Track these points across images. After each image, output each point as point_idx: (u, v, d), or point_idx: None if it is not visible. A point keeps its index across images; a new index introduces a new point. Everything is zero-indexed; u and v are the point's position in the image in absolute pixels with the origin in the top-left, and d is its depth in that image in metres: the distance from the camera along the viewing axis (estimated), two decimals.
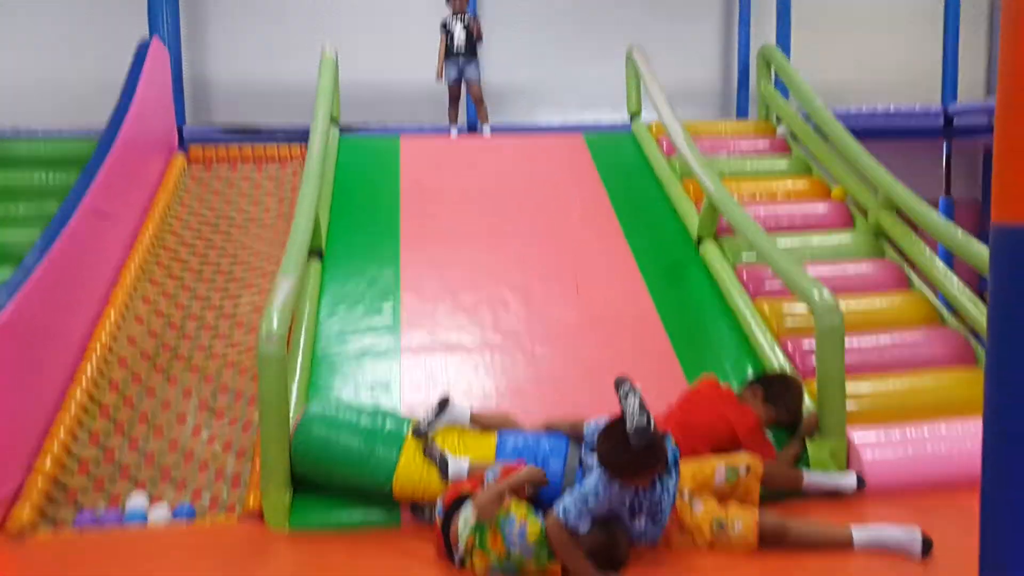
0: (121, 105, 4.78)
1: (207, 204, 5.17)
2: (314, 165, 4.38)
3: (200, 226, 4.94)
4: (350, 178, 5.14)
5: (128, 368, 3.81)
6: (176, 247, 4.71)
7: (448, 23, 6.29)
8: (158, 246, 4.65)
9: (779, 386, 3.35)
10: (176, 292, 4.37)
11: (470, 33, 6.24)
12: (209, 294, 4.39)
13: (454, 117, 6.40)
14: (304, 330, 3.82)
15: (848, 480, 3.13)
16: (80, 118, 6.73)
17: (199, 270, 4.58)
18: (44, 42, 7.30)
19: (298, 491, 3.07)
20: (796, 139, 5.67)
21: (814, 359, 3.43)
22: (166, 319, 4.17)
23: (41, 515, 3.01)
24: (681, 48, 7.82)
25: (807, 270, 3.65)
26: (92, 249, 4.02)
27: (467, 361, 3.81)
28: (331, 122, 5.32)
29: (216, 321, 4.19)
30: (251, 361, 3.78)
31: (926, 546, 2.63)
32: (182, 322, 4.17)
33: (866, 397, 3.54)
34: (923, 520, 2.75)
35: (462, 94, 6.39)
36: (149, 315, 4.15)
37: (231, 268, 4.61)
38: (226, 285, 4.47)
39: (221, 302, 4.33)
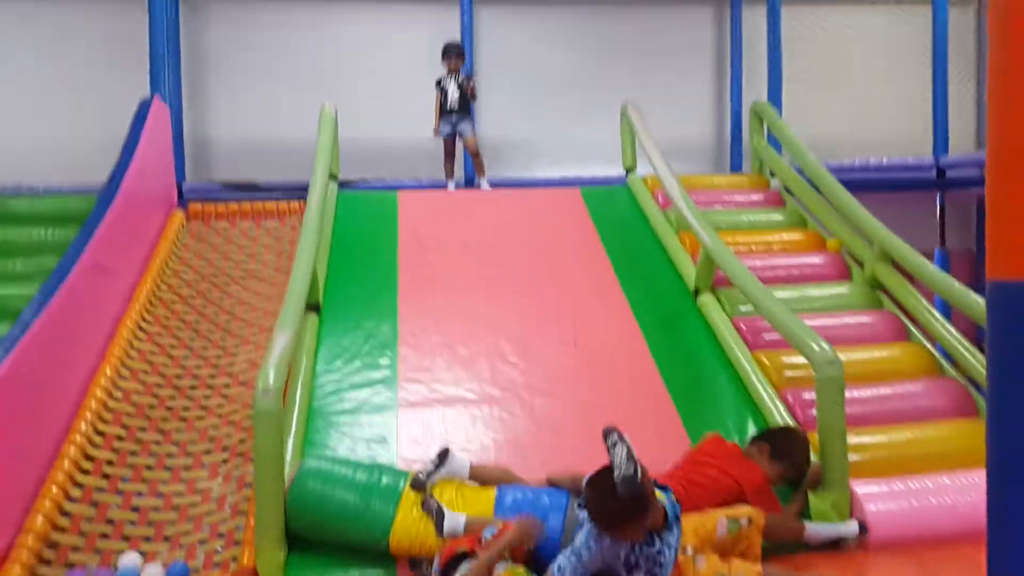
0: (122, 162, 4.83)
1: (205, 259, 5.18)
2: (312, 220, 4.41)
3: (198, 281, 4.95)
4: (348, 232, 5.18)
5: (123, 424, 3.77)
6: (173, 302, 4.71)
7: (443, 81, 6.47)
8: (155, 301, 4.65)
9: (784, 441, 3.33)
10: (172, 347, 4.36)
11: (464, 92, 6.41)
12: (205, 349, 4.38)
13: (450, 172, 6.54)
14: (300, 384, 3.79)
15: (850, 527, 3.09)
16: (82, 176, 6.80)
17: (196, 325, 4.57)
18: (47, 101, 7.41)
19: (293, 548, 3.01)
20: (790, 192, 5.73)
21: (815, 411, 3.41)
22: (162, 374, 4.15)
23: (31, 575, 2.94)
24: (674, 105, 7.96)
25: (805, 322, 3.66)
26: (90, 304, 4.02)
27: (465, 414, 3.79)
28: (330, 177, 5.38)
29: (212, 377, 4.17)
30: (246, 416, 3.74)
31: None
32: (177, 377, 4.15)
33: (868, 449, 3.52)
34: (928, 573, 2.70)
35: (457, 149, 6.54)
36: (145, 370, 4.13)
37: (228, 323, 4.60)
38: (223, 340, 4.45)
39: (217, 358, 4.31)
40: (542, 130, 7.95)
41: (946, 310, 5.70)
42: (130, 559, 3.07)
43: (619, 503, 2.49)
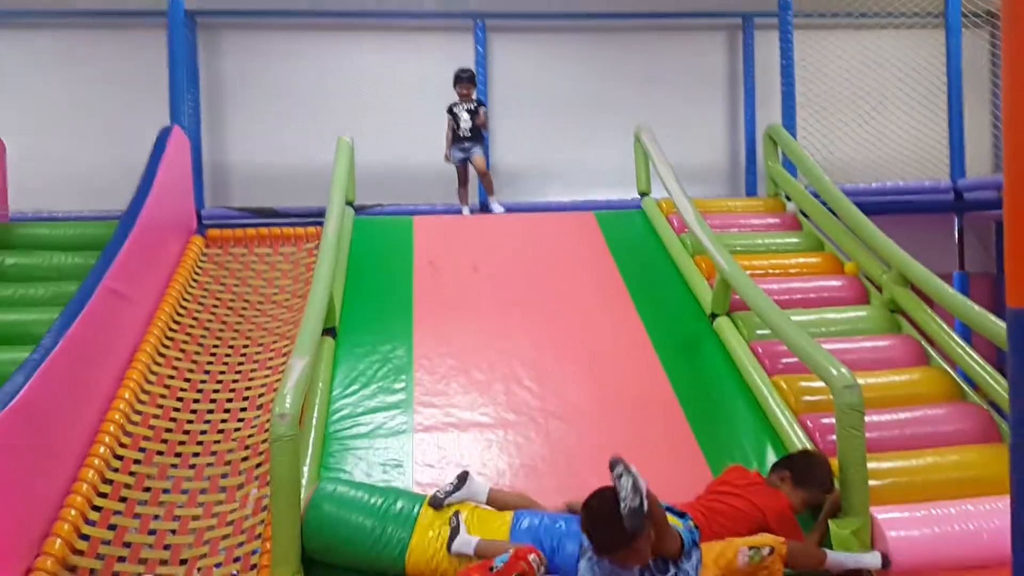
0: (141, 189, 4.89)
1: (223, 284, 5.22)
2: (329, 246, 4.45)
3: (215, 306, 4.99)
4: (364, 257, 5.20)
5: (140, 447, 3.79)
6: (191, 327, 4.74)
7: (455, 108, 6.54)
8: (174, 326, 4.69)
9: (805, 465, 3.30)
10: (190, 371, 4.38)
11: (476, 119, 6.47)
12: (223, 373, 4.40)
13: (464, 198, 6.61)
14: (316, 408, 3.81)
15: (873, 558, 3.05)
16: (102, 203, 6.90)
17: (213, 349, 4.59)
18: (69, 129, 7.55)
19: (309, 572, 3.01)
20: (806, 216, 5.72)
21: (834, 436, 3.37)
22: (179, 398, 4.17)
23: None
24: (688, 129, 7.98)
25: (824, 346, 3.63)
26: (109, 329, 4.05)
27: (480, 439, 3.78)
28: (346, 204, 5.42)
29: (229, 400, 4.19)
30: (263, 441, 3.75)
31: None
32: (195, 401, 4.17)
33: (889, 475, 3.47)
34: None
35: (470, 175, 6.61)
36: (163, 394, 4.15)
37: (245, 347, 4.62)
38: (239, 365, 4.47)
39: (234, 382, 4.33)
40: (556, 155, 8.00)
41: (966, 334, 5.64)
42: None
43: (612, 526, 2.47)
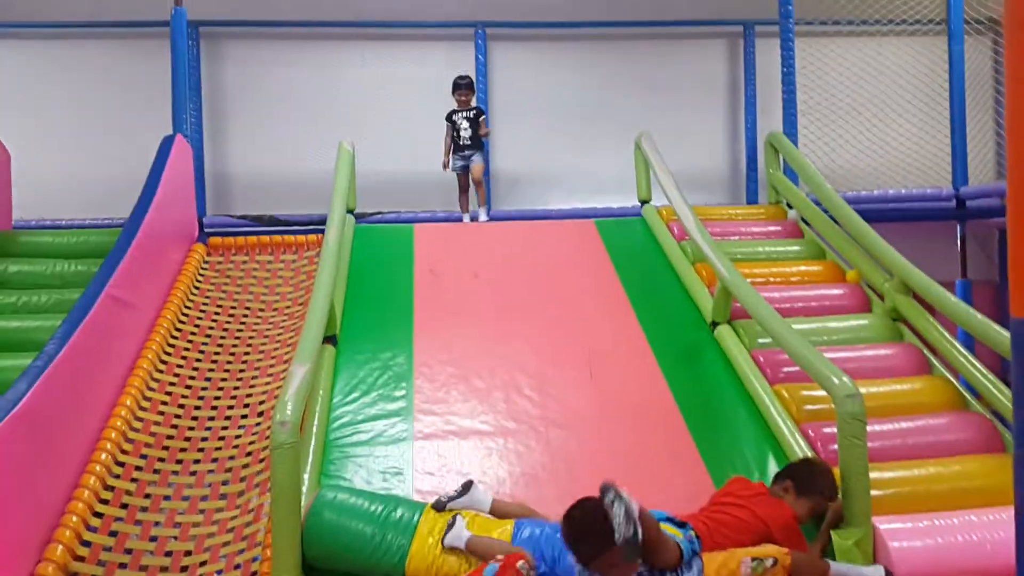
0: (144, 197, 4.90)
1: (224, 291, 5.23)
2: (330, 254, 4.45)
3: (217, 314, 4.99)
4: (365, 264, 5.21)
5: (142, 454, 3.79)
6: (193, 334, 4.74)
7: (455, 116, 6.54)
8: (176, 333, 4.69)
9: (806, 474, 3.29)
10: (191, 378, 4.39)
11: (475, 127, 6.49)
12: (224, 380, 4.40)
13: (464, 206, 6.63)
14: (317, 416, 3.80)
15: (875, 572, 3.03)
16: (105, 211, 6.92)
17: (215, 357, 4.60)
18: (73, 138, 7.57)
19: None
20: (808, 223, 5.71)
21: (836, 446, 3.36)
22: (181, 405, 4.17)
23: None
24: (688, 137, 7.98)
25: (825, 355, 3.62)
26: (112, 336, 4.06)
27: (480, 447, 3.77)
28: (347, 211, 5.43)
29: (230, 408, 4.19)
30: (264, 448, 3.75)
31: None
32: (196, 408, 4.17)
33: (891, 484, 3.45)
34: None
35: (470, 183, 6.62)
36: (164, 401, 4.16)
37: (246, 355, 4.62)
38: (240, 372, 4.47)
39: (235, 389, 4.33)
40: (556, 163, 8.01)
41: (969, 342, 5.62)
42: None
43: (591, 536, 2.51)
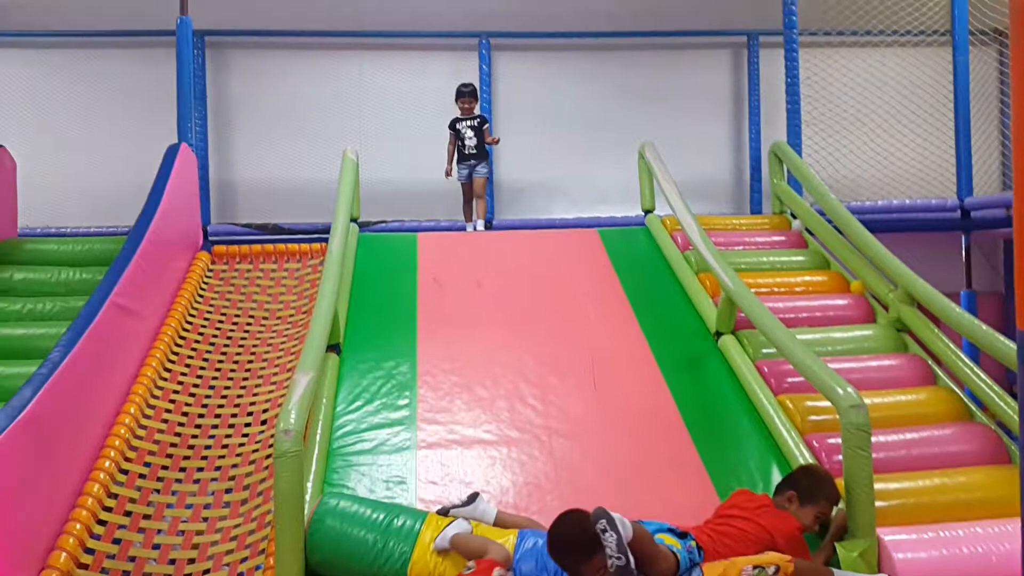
0: (149, 206, 4.92)
1: (228, 300, 5.23)
2: (334, 262, 4.45)
3: (220, 322, 5.00)
4: (369, 273, 5.21)
5: (145, 462, 3.79)
6: (197, 342, 4.75)
7: (458, 124, 6.54)
8: (180, 341, 4.69)
9: (808, 482, 3.28)
10: (195, 386, 4.39)
11: (480, 135, 6.48)
12: (228, 388, 4.40)
13: (468, 215, 6.63)
14: (320, 425, 3.80)
15: None
16: (111, 219, 6.95)
17: (218, 365, 4.60)
18: (78, 146, 7.61)
19: None
20: (812, 234, 5.70)
21: (841, 456, 3.35)
22: (184, 413, 4.17)
23: None
24: (692, 146, 8.00)
25: (830, 366, 3.61)
26: (116, 344, 4.06)
27: (483, 456, 3.76)
28: (351, 220, 5.43)
29: (234, 416, 4.19)
30: (267, 456, 3.75)
31: None
32: (200, 416, 4.17)
33: (896, 496, 3.43)
34: None
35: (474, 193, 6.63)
36: (168, 409, 4.16)
37: (250, 363, 4.63)
38: (244, 380, 4.48)
39: (239, 397, 4.33)
40: (560, 172, 8.03)
41: (974, 353, 5.60)
42: None
43: (574, 548, 2.55)
